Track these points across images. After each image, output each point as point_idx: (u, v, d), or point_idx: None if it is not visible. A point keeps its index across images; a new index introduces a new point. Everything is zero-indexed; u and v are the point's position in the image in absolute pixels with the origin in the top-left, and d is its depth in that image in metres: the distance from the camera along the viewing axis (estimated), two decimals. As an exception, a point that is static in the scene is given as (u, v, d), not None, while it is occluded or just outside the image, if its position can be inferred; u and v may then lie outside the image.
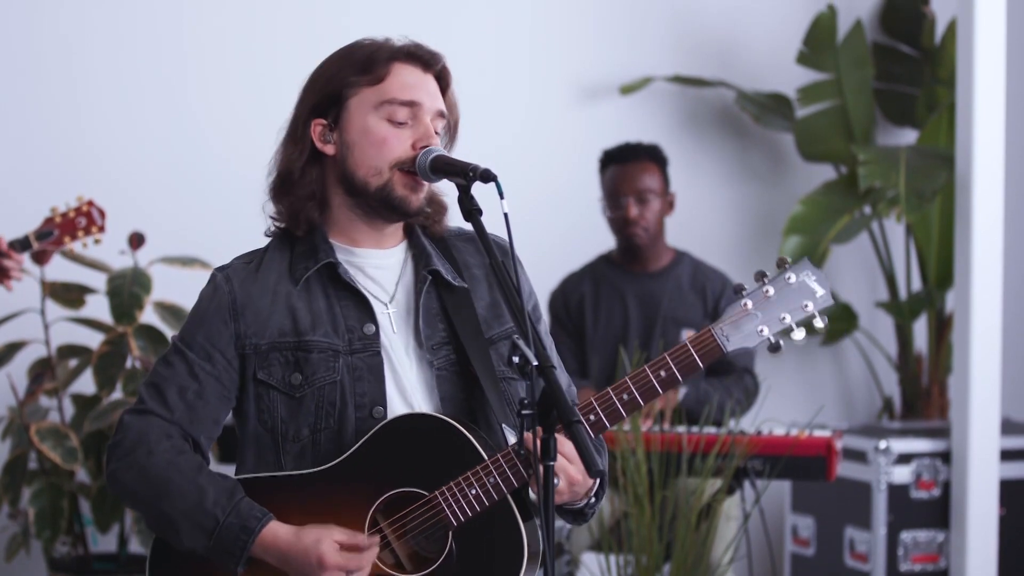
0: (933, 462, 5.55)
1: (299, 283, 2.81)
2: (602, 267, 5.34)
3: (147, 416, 2.78)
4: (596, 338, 5.22)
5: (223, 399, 2.80)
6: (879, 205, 6.01)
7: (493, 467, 2.67)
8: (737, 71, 6.39)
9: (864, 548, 5.55)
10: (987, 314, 5.36)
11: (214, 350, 2.79)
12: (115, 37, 5.48)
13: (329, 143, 2.81)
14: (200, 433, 2.80)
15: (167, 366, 2.81)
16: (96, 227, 4.41)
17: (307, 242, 2.83)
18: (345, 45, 2.87)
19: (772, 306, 2.75)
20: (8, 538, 4.97)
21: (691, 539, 4.54)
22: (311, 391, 2.76)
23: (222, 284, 2.83)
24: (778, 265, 2.78)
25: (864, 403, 6.66)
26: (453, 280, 2.86)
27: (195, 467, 2.74)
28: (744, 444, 4.60)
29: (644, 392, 2.71)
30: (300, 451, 2.77)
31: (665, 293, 5.22)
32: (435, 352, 2.81)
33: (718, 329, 2.73)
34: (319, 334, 2.78)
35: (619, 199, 5.21)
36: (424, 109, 2.79)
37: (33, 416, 4.84)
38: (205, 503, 2.69)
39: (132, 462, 2.75)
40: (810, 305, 2.75)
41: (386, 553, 2.73)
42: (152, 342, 4.79)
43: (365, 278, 2.84)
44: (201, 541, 2.70)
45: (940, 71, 6.34)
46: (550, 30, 6.16)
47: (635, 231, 5.20)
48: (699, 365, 2.73)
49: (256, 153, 2.94)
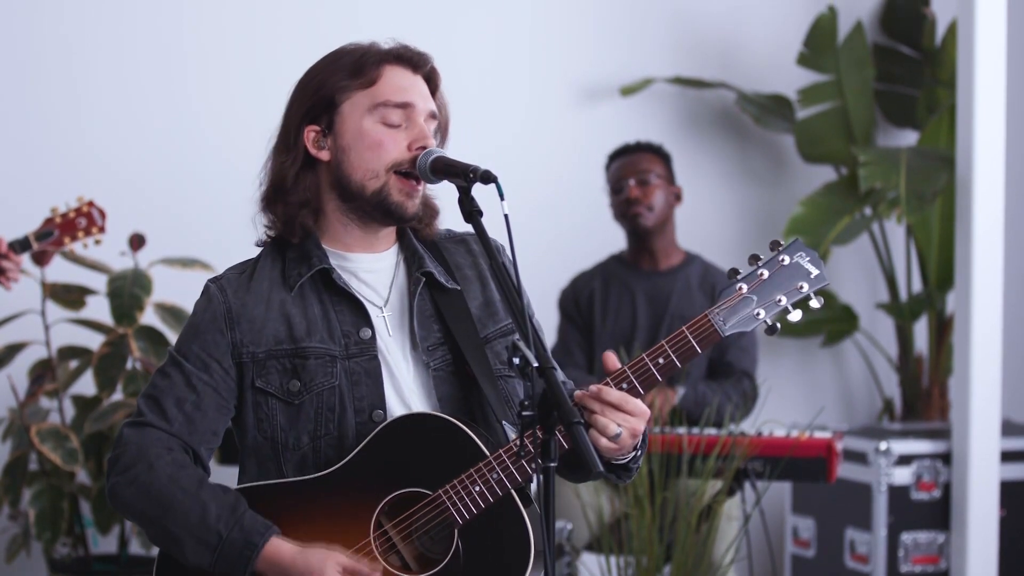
0: (933, 463, 5.55)
1: (293, 290, 2.80)
2: (613, 265, 5.34)
3: (146, 429, 2.77)
4: (604, 334, 5.22)
5: (221, 409, 2.79)
6: (880, 206, 6.01)
7: (496, 463, 2.67)
8: (737, 72, 6.40)
9: (864, 549, 5.55)
10: (987, 315, 5.36)
11: (211, 360, 2.78)
12: (116, 38, 5.48)
13: (323, 149, 2.81)
14: (200, 444, 2.78)
15: (164, 377, 2.80)
16: (96, 228, 4.41)
17: (299, 249, 2.83)
18: (331, 51, 2.86)
19: (767, 288, 2.73)
20: (8, 539, 4.97)
21: (691, 540, 4.54)
22: (310, 397, 2.76)
23: (216, 294, 2.82)
24: (771, 247, 2.77)
25: (864, 404, 6.66)
26: (446, 282, 2.86)
27: (196, 482, 2.73)
28: (744, 445, 4.61)
29: (643, 380, 2.71)
30: (301, 459, 2.77)
31: (674, 291, 5.22)
32: (431, 353, 2.81)
33: (715, 314, 2.72)
34: (315, 340, 2.77)
35: (621, 183, 5.23)
36: (417, 110, 2.79)
37: (33, 417, 4.84)
38: (208, 519, 2.68)
39: (132, 477, 2.74)
40: (805, 286, 2.74)
41: (393, 556, 2.72)
42: (152, 343, 4.79)
43: (359, 283, 2.84)
44: (205, 558, 2.69)
45: (940, 72, 6.34)
46: (550, 31, 6.17)
47: (638, 210, 5.19)
48: (697, 351, 2.71)
49: (257, 155, 2.94)
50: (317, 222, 2.84)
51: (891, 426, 6.14)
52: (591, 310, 5.27)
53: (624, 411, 2.66)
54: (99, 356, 4.80)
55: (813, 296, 2.74)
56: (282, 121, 2.86)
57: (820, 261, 2.76)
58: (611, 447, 2.67)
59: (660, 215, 5.22)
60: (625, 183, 5.22)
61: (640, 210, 5.20)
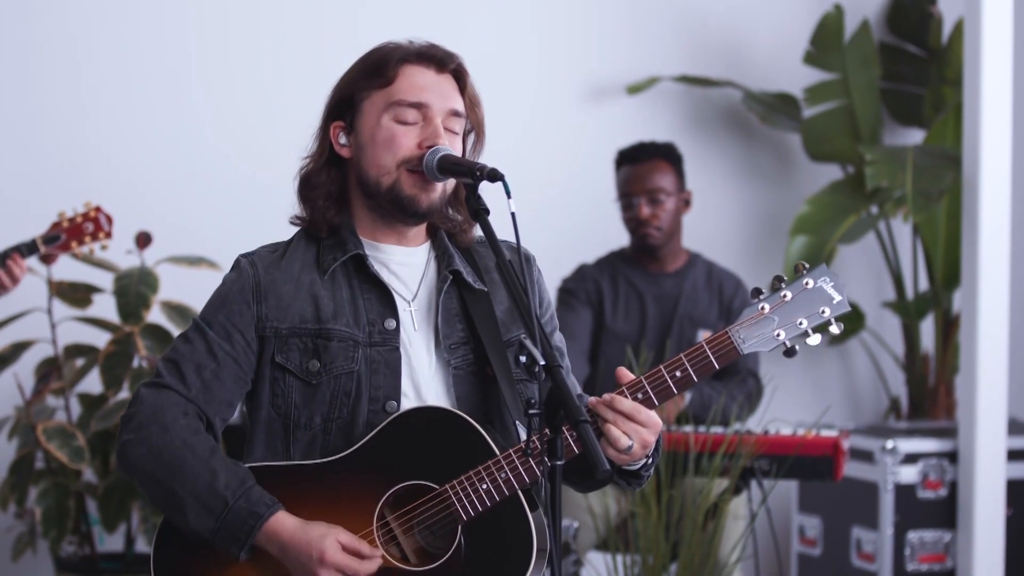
0: (940, 462, 5.55)
1: (326, 273, 2.83)
2: (618, 264, 5.31)
3: (164, 390, 2.79)
4: (613, 330, 5.19)
5: (239, 381, 2.81)
6: (886, 205, 6.00)
7: (505, 462, 2.68)
8: (744, 71, 6.39)
9: (871, 548, 5.54)
10: (994, 314, 5.36)
11: (234, 330, 2.80)
12: (121, 38, 5.49)
13: (346, 146, 2.85)
14: (215, 414, 2.80)
15: (186, 343, 2.82)
16: (103, 233, 4.43)
17: (335, 235, 2.86)
18: (368, 50, 2.89)
19: (789, 310, 2.75)
20: (15, 538, 4.97)
21: (698, 539, 4.54)
22: (327, 379, 2.78)
23: (246, 268, 2.85)
24: (795, 270, 2.79)
25: (871, 403, 6.66)
26: (474, 283, 2.88)
27: (209, 449, 2.74)
28: (751, 444, 4.61)
29: (659, 392, 2.73)
30: (310, 440, 2.78)
31: (682, 293, 5.21)
32: (452, 351, 2.83)
33: (735, 331, 2.74)
34: (340, 324, 2.79)
35: (631, 199, 5.21)
36: (434, 110, 2.81)
37: (40, 415, 4.84)
38: (216, 485, 2.70)
39: (144, 437, 2.75)
40: (827, 311, 2.76)
41: (393, 548, 2.73)
42: (159, 342, 4.80)
43: (389, 274, 2.86)
44: (207, 523, 2.70)
45: (947, 71, 6.33)
46: (557, 30, 6.16)
47: (648, 231, 5.19)
48: (715, 366, 2.74)
49: (262, 153, 2.96)
50: (348, 216, 2.87)
51: (897, 425, 6.14)
52: (600, 302, 5.25)
53: (636, 421, 2.68)
54: (105, 354, 4.80)
55: (833, 321, 2.76)
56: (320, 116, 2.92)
57: (843, 287, 2.78)
58: (622, 458, 2.69)
59: (669, 230, 5.21)
60: (635, 201, 5.20)
61: (650, 231, 5.19)
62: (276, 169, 3.47)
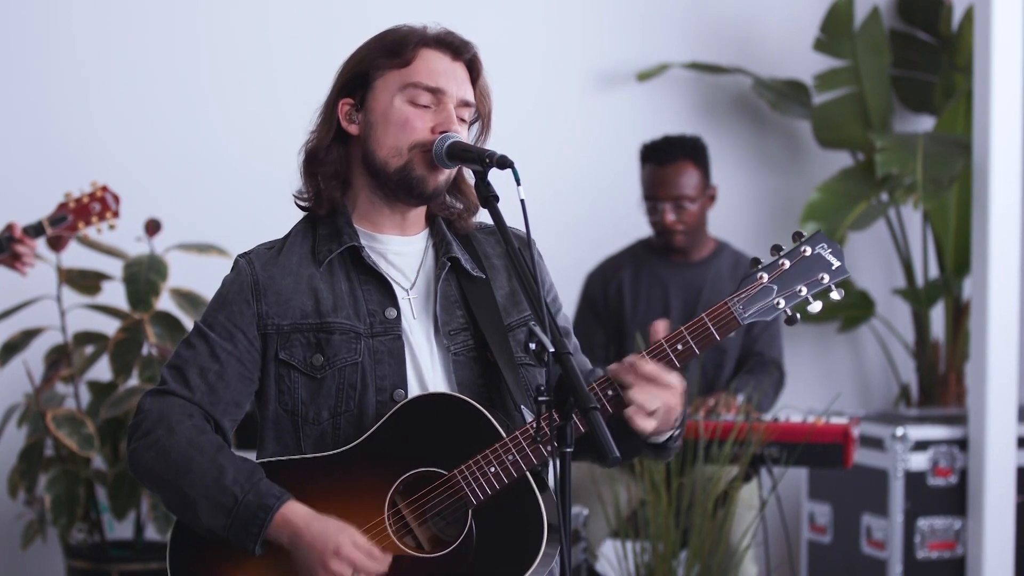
0: (950, 449, 5.54)
1: (322, 265, 2.83)
2: (643, 253, 5.28)
3: (167, 397, 2.79)
4: (635, 324, 5.16)
5: (245, 380, 2.81)
6: (896, 192, 5.99)
7: (512, 444, 2.68)
8: (754, 58, 6.38)
9: (881, 535, 5.54)
10: (1004, 301, 5.35)
11: (236, 330, 2.80)
12: (128, 26, 5.48)
13: (354, 123, 2.84)
14: (222, 415, 2.81)
15: (188, 348, 2.82)
16: (110, 212, 4.41)
17: (330, 225, 2.86)
18: (383, 30, 2.89)
19: (788, 279, 2.75)
20: (24, 525, 4.98)
21: (708, 526, 4.54)
22: (332, 372, 2.78)
23: (244, 267, 2.84)
24: (793, 238, 2.78)
25: (881, 390, 6.65)
26: (472, 270, 2.88)
27: (215, 446, 2.75)
28: (761, 431, 4.60)
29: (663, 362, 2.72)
30: (320, 435, 2.78)
31: (706, 283, 5.18)
32: (452, 338, 2.83)
33: (734, 301, 2.74)
34: (341, 316, 2.79)
35: (656, 203, 5.14)
36: (448, 96, 2.81)
37: (49, 403, 4.85)
38: (224, 481, 2.70)
39: (152, 441, 2.75)
40: (826, 277, 2.75)
41: (407, 537, 2.73)
42: (168, 329, 4.80)
43: (387, 264, 2.86)
44: (219, 520, 2.70)
45: (957, 58, 6.32)
46: (566, 17, 6.16)
47: (673, 237, 5.14)
48: (716, 337, 2.73)
49: (270, 141, 2.97)
50: (347, 198, 2.87)
51: (907, 412, 6.13)
52: (620, 300, 5.22)
53: (660, 383, 2.67)
54: (115, 342, 4.80)
55: (834, 287, 2.75)
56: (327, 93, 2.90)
57: (841, 253, 2.77)
58: (649, 424, 2.66)
59: (694, 228, 5.16)
60: (660, 206, 5.12)
61: (676, 236, 5.15)
62: (285, 156, 3.45)
